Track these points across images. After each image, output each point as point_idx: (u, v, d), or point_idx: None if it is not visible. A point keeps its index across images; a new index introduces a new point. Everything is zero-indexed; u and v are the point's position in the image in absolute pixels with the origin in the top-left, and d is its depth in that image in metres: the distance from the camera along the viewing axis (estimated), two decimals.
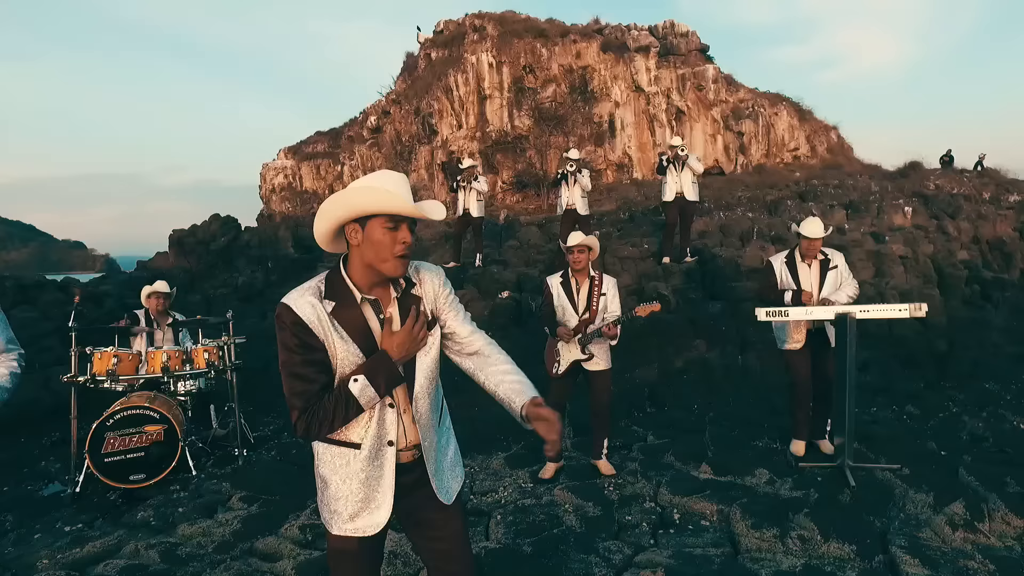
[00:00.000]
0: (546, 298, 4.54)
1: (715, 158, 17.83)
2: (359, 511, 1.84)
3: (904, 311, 4.20)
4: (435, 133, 19.31)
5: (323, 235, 1.87)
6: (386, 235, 1.77)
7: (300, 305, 1.76)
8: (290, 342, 1.73)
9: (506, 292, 8.55)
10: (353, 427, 1.81)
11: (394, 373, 1.79)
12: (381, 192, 1.76)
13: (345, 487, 1.82)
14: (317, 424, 1.72)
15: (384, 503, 1.86)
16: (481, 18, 18.93)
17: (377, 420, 1.83)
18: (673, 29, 17.92)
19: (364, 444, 1.82)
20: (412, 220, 1.84)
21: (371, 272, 1.82)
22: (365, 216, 1.77)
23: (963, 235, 11.86)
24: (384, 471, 1.85)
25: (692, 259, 8.34)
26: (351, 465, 1.82)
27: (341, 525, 1.83)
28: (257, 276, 11.23)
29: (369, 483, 1.84)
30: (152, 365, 4.57)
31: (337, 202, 1.78)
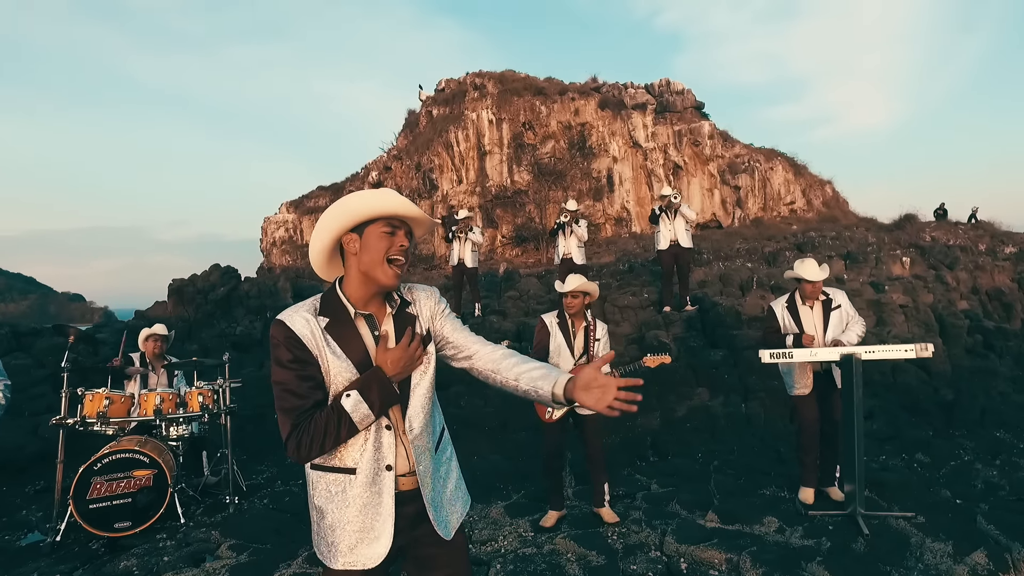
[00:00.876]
0: (540, 336, 4.45)
1: (712, 212, 18.04)
2: (358, 542, 1.74)
3: (910, 351, 4.13)
4: (435, 188, 19.60)
5: (321, 252, 1.85)
6: (384, 239, 1.78)
7: (294, 320, 1.75)
8: (283, 357, 1.69)
9: (506, 341, 8.47)
10: (348, 451, 1.74)
11: (389, 390, 1.73)
12: (380, 195, 1.78)
13: (342, 516, 1.73)
14: (308, 441, 1.65)
15: (384, 532, 1.76)
16: (481, 77, 19.50)
17: (374, 443, 1.76)
18: (669, 87, 18.43)
19: (360, 469, 1.75)
20: (409, 230, 1.86)
21: (367, 283, 1.80)
22: (363, 224, 1.79)
23: (962, 285, 11.88)
24: (383, 498, 1.77)
25: (692, 307, 8.31)
26: (347, 492, 1.74)
27: (340, 558, 1.73)
28: (255, 326, 11.15)
29: (367, 511, 1.75)
30: (145, 408, 4.46)
31: (336, 211, 1.78)
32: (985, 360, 9.05)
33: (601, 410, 1.61)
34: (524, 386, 1.79)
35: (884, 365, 8.27)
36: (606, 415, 1.62)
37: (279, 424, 1.67)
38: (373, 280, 1.78)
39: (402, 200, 1.77)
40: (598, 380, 1.62)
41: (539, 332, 4.49)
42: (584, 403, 1.63)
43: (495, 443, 6.04)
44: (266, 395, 8.25)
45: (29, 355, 8.06)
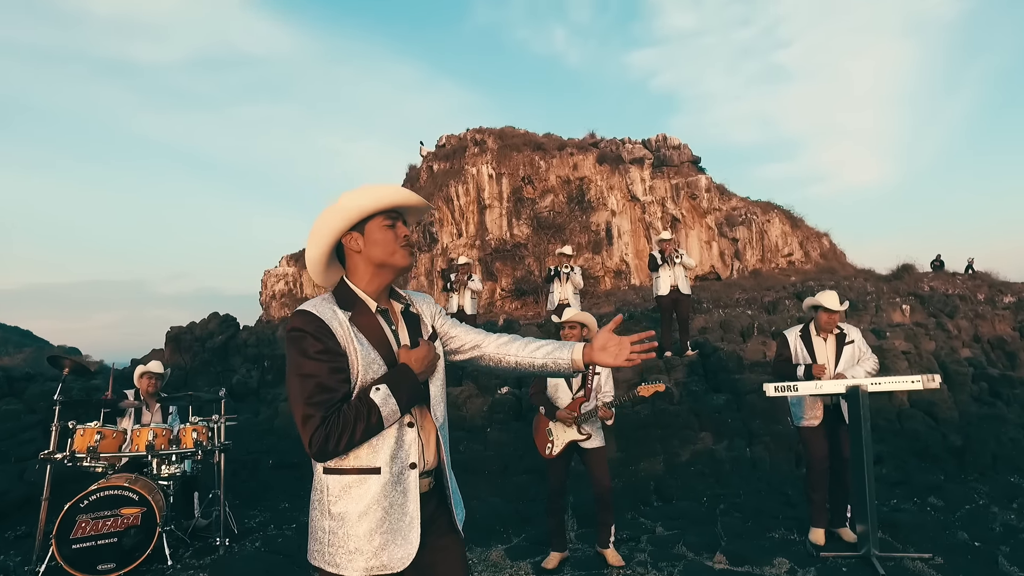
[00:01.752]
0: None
1: (711, 264, 18.15)
2: (385, 544, 1.65)
3: (917, 382, 4.06)
4: (435, 241, 19.77)
5: (319, 258, 1.83)
6: (387, 232, 1.79)
7: (322, 310, 1.72)
8: (312, 348, 1.65)
9: (505, 388, 8.38)
10: (370, 449, 1.68)
11: (416, 387, 1.72)
12: (374, 190, 1.78)
13: (367, 520, 1.65)
14: (337, 435, 1.60)
15: (412, 533, 1.69)
16: (481, 132, 19.96)
17: (396, 440, 1.71)
18: (666, 142, 18.85)
19: (384, 468, 1.68)
20: (405, 219, 1.86)
21: (379, 275, 1.81)
22: (362, 222, 1.79)
23: (963, 333, 11.83)
24: (408, 497, 1.71)
25: (693, 352, 8.24)
26: (372, 493, 1.66)
27: (364, 564, 1.63)
28: (252, 375, 11.04)
29: (393, 511, 1.68)
30: (137, 443, 4.35)
31: (332, 214, 1.78)
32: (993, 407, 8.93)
33: (621, 363, 1.74)
34: (541, 360, 1.84)
35: (890, 411, 8.15)
36: (626, 367, 1.73)
37: (300, 419, 1.61)
38: (390, 267, 1.80)
39: (395, 189, 1.78)
40: (612, 340, 1.76)
41: None
42: (603, 362, 1.75)
43: (495, 486, 5.88)
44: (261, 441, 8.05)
45: (20, 400, 7.93)
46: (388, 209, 1.79)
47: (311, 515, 1.73)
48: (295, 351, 1.66)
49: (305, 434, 1.60)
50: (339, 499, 1.67)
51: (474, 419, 7.76)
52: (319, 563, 1.68)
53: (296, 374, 1.64)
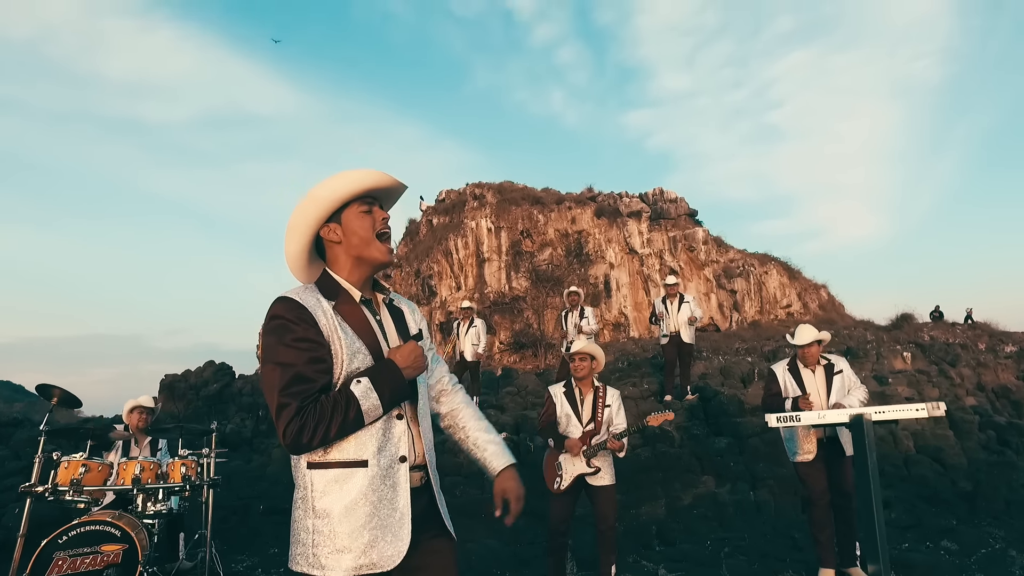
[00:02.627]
0: (547, 407, 4.36)
1: (710, 316, 18.14)
2: (374, 541, 1.56)
3: (922, 410, 3.97)
4: (434, 294, 19.82)
5: (298, 254, 1.78)
6: (365, 218, 1.75)
7: (305, 298, 1.66)
8: (291, 336, 1.58)
9: (504, 433, 8.22)
10: (358, 441, 1.60)
11: (400, 383, 1.65)
12: (346, 175, 1.74)
13: (355, 516, 1.56)
14: (312, 427, 1.51)
15: (403, 529, 1.60)
16: (481, 187, 20.31)
17: (384, 432, 1.64)
18: (663, 196, 19.16)
19: (372, 461, 1.60)
20: (382, 201, 1.83)
21: (359, 267, 1.77)
22: (337, 211, 1.75)
23: (966, 382, 11.71)
24: (398, 492, 1.62)
25: (693, 396, 8.13)
26: (360, 487, 1.58)
27: (352, 562, 1.54)
28: (246, 424, 10.85)
29: (382, 507, 1.59)
30: (123, 477, 4.22)
31: (306, 206, 1.73)
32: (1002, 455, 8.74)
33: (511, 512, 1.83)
34: (480, 453, 1.94)
35: (896, 457, 7.98)
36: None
37: (274, 409, 1.53)
38: (367, 261, 1.75)
39: (368, 172, 1.74)
40: (510, 489, 1.85)
41: (547, 403, 4.40)
42: (497, 500, 1.84)
43: (492, 529, 5.68)
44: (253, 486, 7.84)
45: (7, 447, 7.76)
46: (363, 194, 1.75)
47: (294, 516, 1.63)
48: (273, 339, 1.60)
49: (279, 425, 1.53)
50: (324, 495, 1.58)
51: (471, 465, 7.58)
52: (303, 567, 1.57)
53: (272, 362, 1.57)
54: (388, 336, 1.79)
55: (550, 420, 4.31)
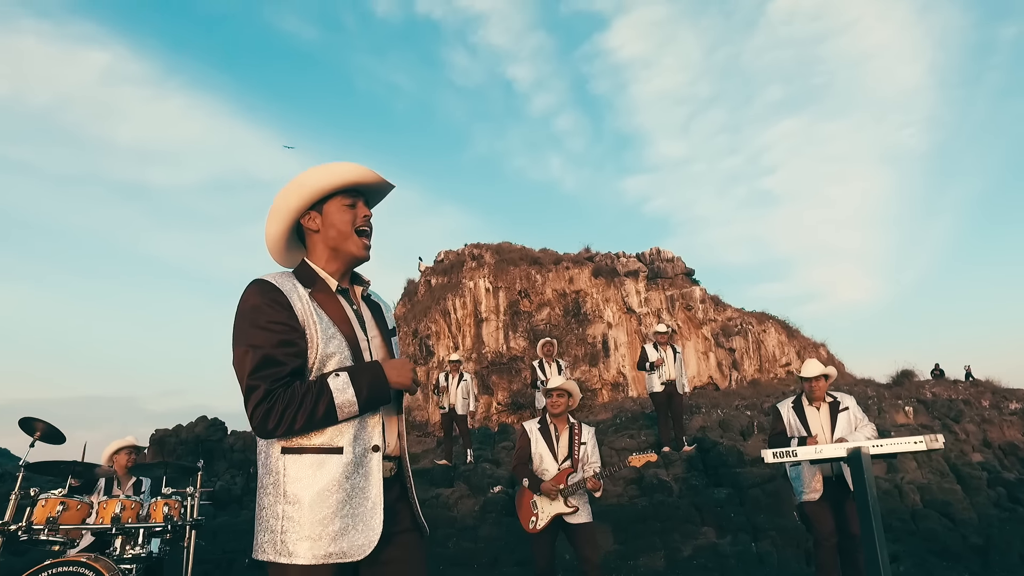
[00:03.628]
0: (521, 443, 4.29)
1: (709, 375, 17.99)
2: (344, 529, 1.52)
3: (920, 443, 3.89)
4: (432, 354, 19.72)
5: (278, 237, 1.78)
6: (346, 212, 1.74)
7: (281, 283, 1.65)
8: (264, 319, 1.56)
9: (498, 487, 8.02)
10: (335, 428, 1.58)
11: (383, 389, 1.62)
12: (334, 166, 1.74)
13: (327, 503, 1.52)
14: (280, 411, 1.49)
15: (374, 519, 1.56)
16: (479, 248, 20.54)
17: (359, 420, 1.61)
18: (659, 255, 19.35)
19: (347, 449, 1.57)
20: (368, 198, 1.82)
21: (336, 258, 1.76)
22: (320, 201, 1.74)
23: (972, 438, 11.49)
24: (371, 481, 1.59)
25: (691, 448, 7.97)
26: (333, 475, 1.54)
27: (322, 550, 1.49)
28: (236, 482, 10.58)
29: (355, 495, 1.56)
30: (102, 516, 4.08)
31: (291, 189, 1.72)
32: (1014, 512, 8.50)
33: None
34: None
35: (903, 512, 7.75)
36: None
37: (244, 392, 1.52)
38: (345, 253, 1.74)
39: (354, 167, 1.75)
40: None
41: (520, 439, 4.33)
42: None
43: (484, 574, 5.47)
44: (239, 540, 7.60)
45: None
46: (348, 188, 1.75)
47: (261, 503, 1.58)
48: (245, 322, 1.58)
49: (248, 407, 1.51)
50: (297, 480, 1.54)
51: (465, 519, 7.36)
52: (269, 555, 1.52)
53: (244, 344, 1.55)
54: (366, 327, 1.78)
55: (524, 458, 4.23)
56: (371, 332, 1.78)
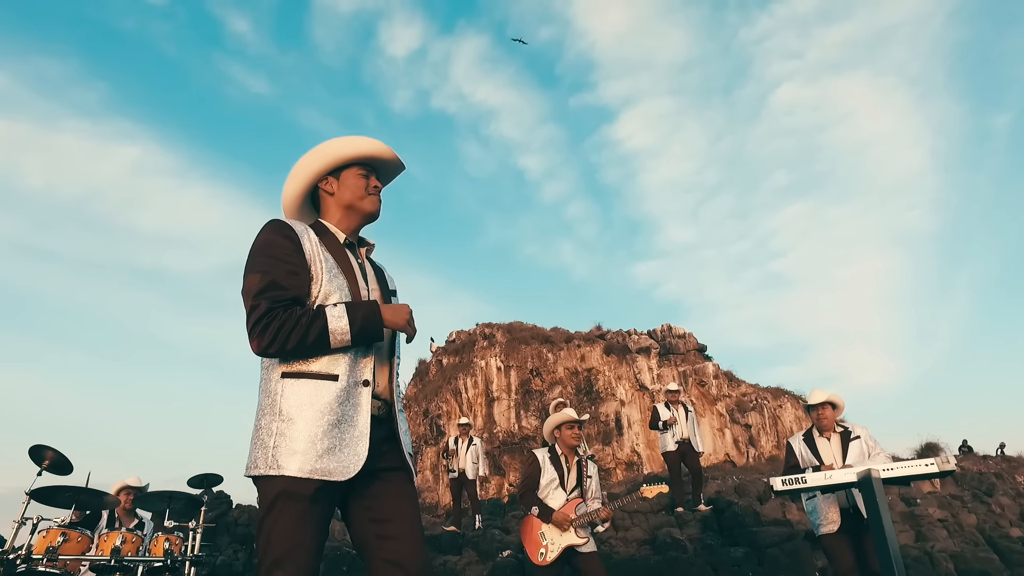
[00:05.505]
0: (530, 471, 4.24)
1: (725, 452, 17.50)
2: (331, 449, 1.59)
3: (932, 465, 3.81)
4: (442, 434, 19.41)
5: (294, 196, 1.95)
6: (360, 180, 1.94)
7: (294, 224, 1.81)
8: (274, 250, 1.70)
9: (507, 552, 7.75)
10: (331, 357, 1.68)
11: (375, 322, 1.72)
12: (354, 139, 1.94)
13: (318, 423, 1.61)
14: (276, 328, 1.60)
15: (360, 446, 1.64)
16: (491, 327, 20.68)
17: (353, 353, 1.73)
18: (671, 331, 19.35)
19: (342, 378, 1.68)
20: (380, 174, 2.01)
21: (349, 217, 1.93)
22: (338, 168, 1.93)
23: (1007, 512, 10.96)
24: (360, 412, 1.69)
25: (706, 508, 7.70)
26: (326, 399, 1.64)
27: (307, 465, 1.56)
28: (239, 557, 10.25)
29: (344, 422, 1.65)
30: (102, 548, 4.03)
31: (313, 156, 1.91)
32: None
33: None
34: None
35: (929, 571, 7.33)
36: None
37: (247, 310, 1.63)
38: (358, 211, 1.92)
39: (373, 142, 1.94)
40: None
41: (529, 467, 4.29)
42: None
43: None
44: None
45: None
46: (364, 160, 1.94)
47: (258, 423, 1.66)
48: (258, 253, 1.71)
49: (248, 324, 1.62)
50: (293, 402, 1.63)
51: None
52: (260, 469, 1.58)
53: (253, 271, 1.67)
54: (368, 280, 1.91)
55: (532, 485, 4.18)
56: (372, 285, 1.91)
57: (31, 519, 3.90)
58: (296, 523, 1.52)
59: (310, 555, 1.52)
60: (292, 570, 1.49)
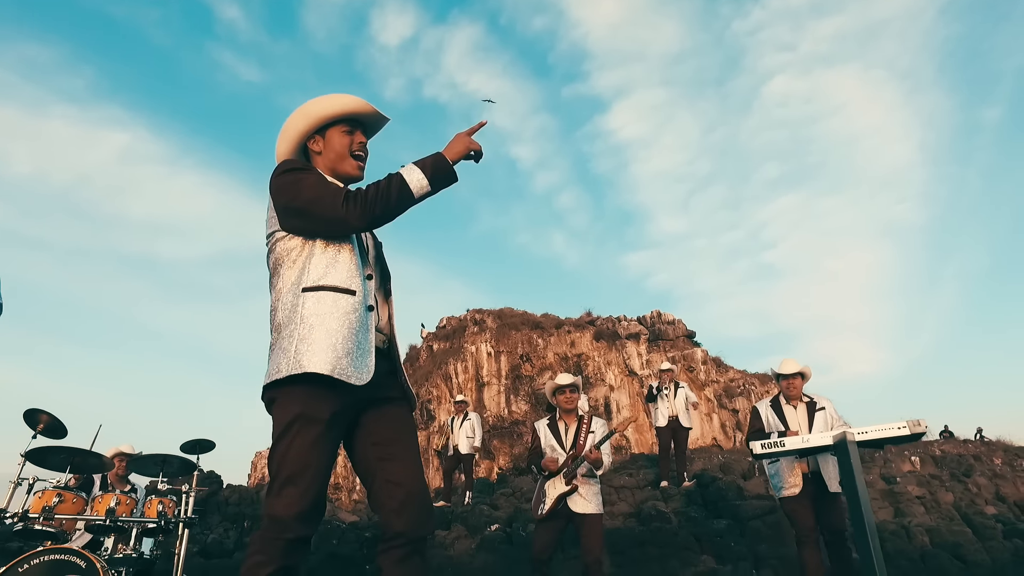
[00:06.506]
0: (533, 444, 4.43)
1: (713, 436, 17.73)
2: (348, 353, 1.70)
3: (904, 428, 3.96)
4: (432, 419, 19.55)
5: (285, 154, 2.03)
6: (344, 137, 2.02)
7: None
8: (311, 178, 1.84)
9: (495, 525, 7.89)
10: (348, 272, 1.80)
11: (443, 161, 1.83)
12: (336, 96, 2.02)
13: (339, 330, 1.71)
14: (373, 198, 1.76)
15: (369, 359, 1.75)
16: (481, 313, 20.77)
17: (363, 281, 1.83)
18: (660, 318, 19.52)
19: (358, 293, 1.80)
20: (365, 129, 2.09)
21: (335, 177, 2.00)
22: (324, 127, 2.01)
23: (984, 491, 11.21)
24: (368, 332, 1.80)
25: (691, 483, 7.87)
26: (345, 309, 1.75)
27: (328, 365, 1.65)
28: (230, 535, 10.34)
29: (360, 332, 1.76)
30: (97, 509, 4.11)
31: (297, 117, 2.01)
32: None
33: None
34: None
35: (912, 552, 7.54)
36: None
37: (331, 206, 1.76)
38: (340, 174, 2.01)
39: (354, 99, 2.01)
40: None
41: (532, 439, 4.47)
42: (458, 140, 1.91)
43: None
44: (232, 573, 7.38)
45: None
46: (348, 117, 2.01)
47: (280, 335, 1.74)
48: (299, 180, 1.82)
49: (345, 207, 1.75)
50: (314, 311, 1.73)
51: (461, 557, 7.21)
52: (282, 372, 1.66)
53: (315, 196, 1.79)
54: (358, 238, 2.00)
55: (536, 453, 4.32)
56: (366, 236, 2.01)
57: (27, 479, 3.97)
58: (309, 445, 1.61)
59: (321, 475, 1.62)
60: (304, 486, 1.58)
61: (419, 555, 1.71)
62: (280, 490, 1.58)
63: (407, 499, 1.72)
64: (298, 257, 1.79)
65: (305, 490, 1.58)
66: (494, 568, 6.08)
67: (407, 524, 1.70)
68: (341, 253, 1.82)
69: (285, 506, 1.56)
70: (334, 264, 1.79)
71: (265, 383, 1.71)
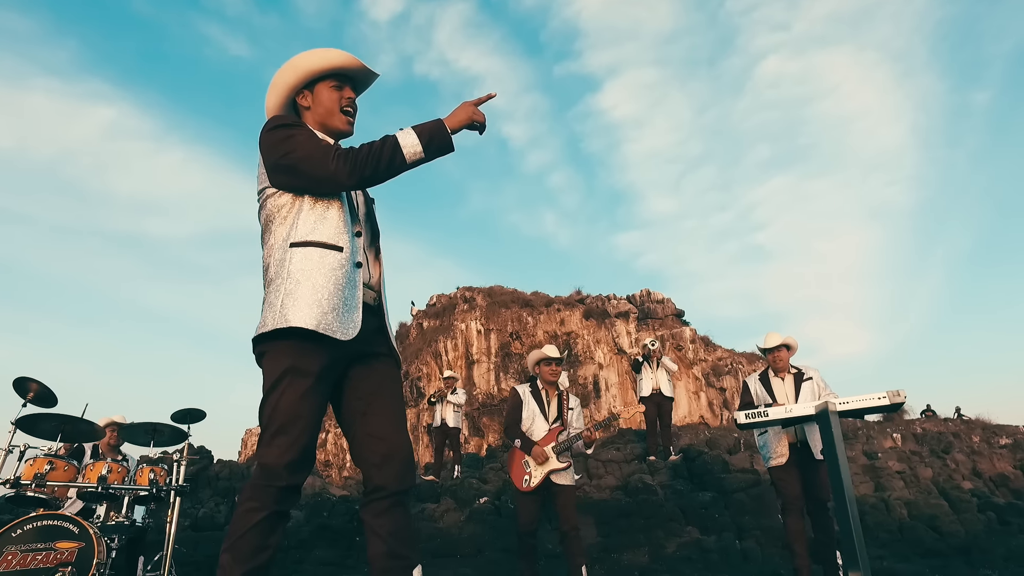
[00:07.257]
0: (511, 403, 4.43)
1: (700, 414, 17.96)
2: (333, 309, 1.71)
3: (884, 398, 4.05)
4: (422, 396, 19.65)
5: (274, 110, 2.02)
6: (333, 92, 2.00)
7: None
8: (304, 134, 1.83)
9: (484, 499, 8.00)
10: (336, 229, 1.81)
11: (443, 132, 1.83)
12: (323, 51, 2.00)
13: (325, 286, 1.73)
14: (363, 158, 1.76)
15: (355, 315, 1.77)
16: (471, 291, 20.79)
17: (351, 238, 1.84)
18: (649, 297, 19.64)
19: (346, 249, 1.80)
20: (355, 84, 2.07)
21: (325, 132, 2.00)
22: (312, 82, 2.00)
23: (961, 467, 11.49)
24: (356, 289, 1.81)
25: (677, 456, 8.01)
26: (331, 265, 1.76)
27: (313, 320, 1.67)
28: (220, 510, 10.42)
29: (346, 289, 1.77)
30: (89, 476, 4.14)
31: (285, 71, 1.99)
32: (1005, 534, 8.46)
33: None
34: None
35: (891, 523, 7.74)
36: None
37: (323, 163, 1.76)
38: (330, 129, 1.99)
39: (342, 53, 1.99)
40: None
41: (511, 401, 4.46)
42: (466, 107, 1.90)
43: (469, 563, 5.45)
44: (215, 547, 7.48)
45: None
46: (336, 72, 2.00)
47: (269, 289, 1.77)
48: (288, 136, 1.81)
49: (334, 164, 1.75)
50: (301, 266, 1.74)
51: (450, 529, 7.31)
52: (269, 326, 1.68)
53: (305, 154, 1.78)
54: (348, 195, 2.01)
55: (515, 418, 4.36)
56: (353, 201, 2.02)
57: (18, 447, 3.98)
58: (299, 397, 1.64)
59: (311, 426, 1.65)
60: (294, 436, 1.61)
61: (401, 507, 1.75)
62: (271, 440, 1.61)
63: (388, 453, 1.76)
64: (288, 213, 1.80)
65: (295, 440, 1.61)
66: (482, 539, 6.19)
67: (388, 478, 1.74)
68: (330, 210, 1.82)
69: (276, 455, 1.60)
70: (322, 220, 1.79)
71: (254, 336, 1.73)
